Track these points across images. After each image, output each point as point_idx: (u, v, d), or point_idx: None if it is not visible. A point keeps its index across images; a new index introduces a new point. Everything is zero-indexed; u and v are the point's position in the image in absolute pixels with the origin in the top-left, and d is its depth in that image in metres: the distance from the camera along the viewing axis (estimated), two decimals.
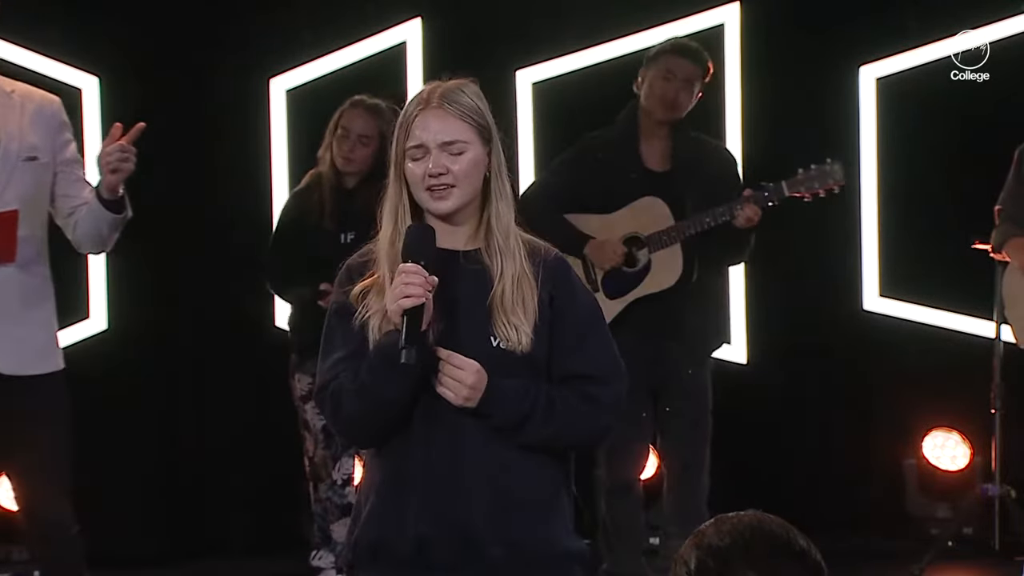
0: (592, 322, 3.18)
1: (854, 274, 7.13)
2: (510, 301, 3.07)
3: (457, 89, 3.16)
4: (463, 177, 3.09)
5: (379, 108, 5.86)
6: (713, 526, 2.23)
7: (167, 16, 6.72)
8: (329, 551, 6.05)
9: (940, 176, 7.00)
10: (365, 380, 3.05)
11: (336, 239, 5.82)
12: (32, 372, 4.43)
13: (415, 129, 3.10)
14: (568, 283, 3.17)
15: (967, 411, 6.74)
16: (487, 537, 3.08)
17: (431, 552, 3.08)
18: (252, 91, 6.85)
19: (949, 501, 6.81)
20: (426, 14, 6.93)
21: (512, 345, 3.07)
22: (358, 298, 3.11)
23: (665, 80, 5.62)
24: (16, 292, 4.40)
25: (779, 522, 2.24)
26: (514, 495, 3.09)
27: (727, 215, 5.50)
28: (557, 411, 3.09)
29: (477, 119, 3.13)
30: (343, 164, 5.86)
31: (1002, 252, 5.83)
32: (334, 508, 6.02)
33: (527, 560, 3.11)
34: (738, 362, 7.03)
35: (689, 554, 2.21)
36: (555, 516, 3.16)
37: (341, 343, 3.13)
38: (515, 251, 3.12)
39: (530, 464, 3.12)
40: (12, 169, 4.39)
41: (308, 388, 5.95)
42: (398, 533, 3.10)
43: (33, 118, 4.45)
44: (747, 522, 2.23)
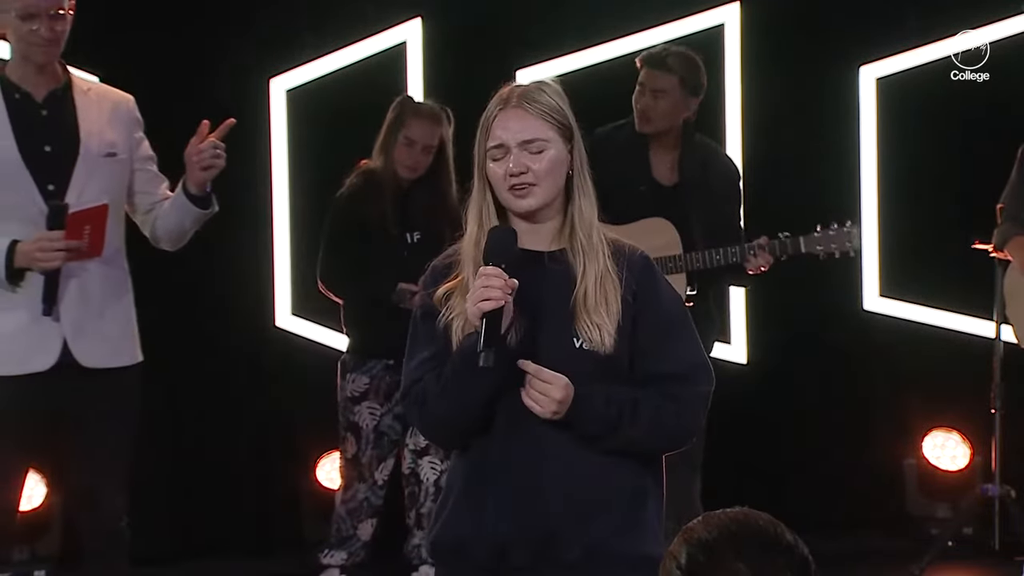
0: (676, 321, 3.17)
1: (854, 274, 7.13)
2: (593, 301, 3.08)
3: (537, 88, 3.17)
4: (544, 175, 3.10)
5: (440, 115, 5.88)
6: (701, 522, 2.25)
7: (167, 16, 6.72)
8: (343, 550, 6.05)
9: (940, 176, 7.01)
10: (448, 382, 3.07)
11: (403, 240, 5.84)
12: (111, 365, 4.49)
13: (495, 129, 3.12)
14: (652, 281, 3.16)
15: (967, 411, 6.75)
16: (565, 539, 3.09)
17: (508, 553, 3.10)
18: (252, 91, 6.85)
19: (949, 501, 6.82)
20: (426, 14, 6.93)
21: (595, 346, 3.07)
22: (442, 300, 3.13)
23: (639, 92, 5.61)
24: (99, 286, 4.48)
25: (766, 517, 2.25)
26: (592, 498, 3.10)
27: (738, 258, 5.48)
28: (642, 416, 3.08)
29: (557, 117, 3.13)
30: (408, 172, 5.88)
31: (1003, 251, 5.83)
32: (368, 508, 6.02)
33: (606, 563, 3.10)
34: (738, 362, 7.04)
35: (679, 549, 2.23)
36: (637, 520, 3.15)
37: (426, 344, 3.15)
38: (599, 249, 3.12)
39: (612, 467, 3.12)
40: (93, 166, 4.47)
41: (364, 388, 5.95)
42: (477, 533, 3.11)
43: (111, 116, 4.56)
44: (735, 517, 2.25)
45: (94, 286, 4.47)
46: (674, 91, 5.58)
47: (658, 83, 5.57)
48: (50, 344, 4.40)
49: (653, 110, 5.58)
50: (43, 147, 4.44)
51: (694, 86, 5.63)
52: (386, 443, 6.00)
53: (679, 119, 5.62)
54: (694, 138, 5.67)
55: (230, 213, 6.76)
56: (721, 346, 6.61)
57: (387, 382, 5.92)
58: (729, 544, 2.19)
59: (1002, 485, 6.31)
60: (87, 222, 4.35)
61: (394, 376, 5.79)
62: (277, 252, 6.87)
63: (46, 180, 4.42)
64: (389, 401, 5.95)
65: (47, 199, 4.40)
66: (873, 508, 7.02)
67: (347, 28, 6.90)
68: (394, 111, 5.94)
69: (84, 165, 4.45)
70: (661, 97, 5.57)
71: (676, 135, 5.65)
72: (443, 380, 3.08)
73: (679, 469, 5.66)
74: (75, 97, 4.53)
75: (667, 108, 5.58)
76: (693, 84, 5.62)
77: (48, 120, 4.48)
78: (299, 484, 6.75)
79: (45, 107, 4.49)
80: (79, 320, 4.42)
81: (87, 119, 4.50)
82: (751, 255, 5.45)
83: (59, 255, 4.33)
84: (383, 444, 5.99)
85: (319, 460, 6.74)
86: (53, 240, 4.32)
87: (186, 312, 6.78)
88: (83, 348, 4.43)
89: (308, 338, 6.85)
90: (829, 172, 7.05)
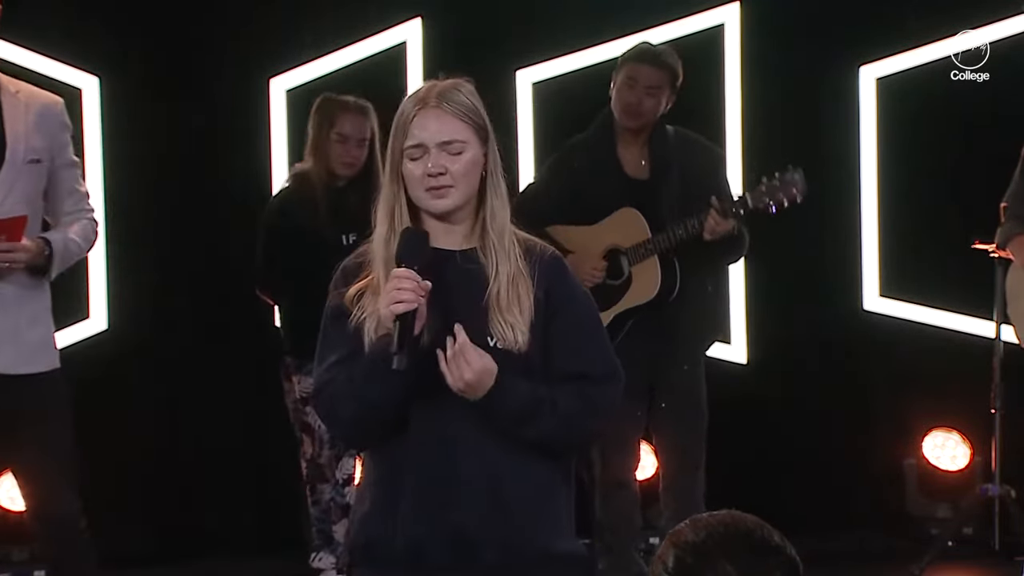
0: (588, 322, 3.18)
1: (854, 274, 7.14)
2: (506, 300, 3.07)
3: (454, 88, 3.16)
4: (462, 176, 3.09)
5: (367, 107, 5.88)
6: (689, 525, 2.25)
7: (167, 16, 6.72)
8: (330, 552, 6.06)
9: (940, 176, 7.00)
10: (358, 384, 3.05)
11: (337, 240, 5.82)
12: (29, 371, 4.44)
13: (413, 129, 3.10)
14: (564, 282, 3.16)
15: (967, 411, 6.74)
16: (481, 539, 3.08)
17: (424, 553, 3.08)
18: (252, 91, 6.84)
19: (949, 501, 6.81)
20: (426, 14, 6.93)
21: (509, 344, 3.06)
22: (353, 300, 3.11)
23: (628, 88, 5.57)
24: (12, 291, 4.42)
25: (753, 519, 2.25)
26: (509, 497, 3.09)
27: (697, 227, 5.44)
28: (559, 410, 3.08)
29: (474, 118, 3.13)
30: (345, 168, 5.86)
31: (1006, 249, 5.83)
32: (336, 508, 6.03)
33: (522, 563, 3.10)
34: (738, 362, 7.04)
35: (667, 552, 2.23)
36: (552, 518, 3.15)
37: (337, 345, 3.13)
38: (510, 250, 3.11)
39: (526, 466, 3.11)
40: (18, 172, 4.42)
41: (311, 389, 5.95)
42: (392, 533, 3.10)
43: (37, 119, 4.48)
44: (722, 519, 2.25)
45: (7, 291, 4.41)
46: (665, 87, 5.58)
47: (653, 79, 5.57)
48: None
49: (645, 105, 5.56)
50: None
51: (678, 82, 5.64)
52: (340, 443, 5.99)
53: (658, 114, 5.62)
54: (665, 130, 5.65)
55: (230, 212, 6.80)
56: (721, 346, 6.61)
57: None
58: (716, 546, 2.19)
59: (1002, 485, 6.30)
60: (2, 232, 4.31)
61: None
62: None
63: None
64: None
65: None
66: (873, 508, 7.02)
67: (347, 28, 6.90)
68: (319, 110, 5.92)
69: (9, 171, 4.39)
70: (653, 93, 5.57)
71: (649, 130, 5.64)
72: (354, 382, 3.06)
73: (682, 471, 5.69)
74: (3, 100, 4.45)
75: (656, 104, 5.58)
76: (678, 80, 5.63)
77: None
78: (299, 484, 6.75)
79: None
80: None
81: (13, 124, 4.42)
82: (707, 221, 5.39)
83: None
84: (338, 444, 5.98)
85: None
86: None
87: (186, 311, 6.78)
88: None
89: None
90: (829, 172, 7.05)
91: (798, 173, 5.41)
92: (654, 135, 5.63)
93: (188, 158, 6.69)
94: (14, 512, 6.21)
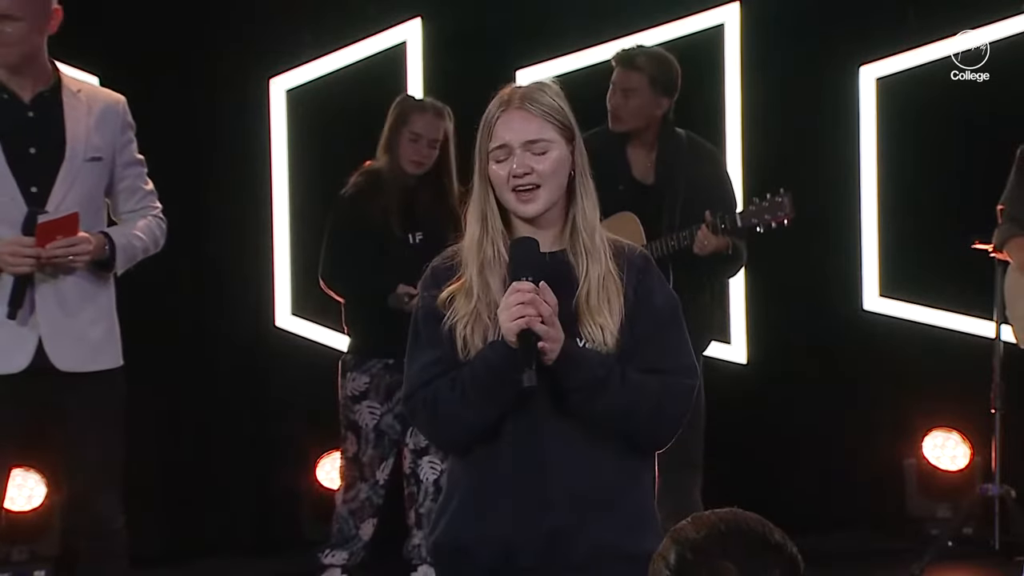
0: (669, 318, 3.19)
1: (854, 274, 7.14)
2: (596, 301, 3.09)
3: (538, 89, 3.17)
4: (548, 176, 3.11)
5: (443, 110, 5.90)
6: (691, 522, 2.26)
7: (167, 16, 6.72)
8: (344, 550, 6.04)
9: (940, 176, 7.01)
10: (471, 393, 3.07)
11: (404, 240, 5.85)
12: (89, 368, 4.47)
13: (498, 130, 3.12)
14: (648, 279, 3.18)
15: (967, 411, 6.75)
16: (570, 539, 3.10)
17: (514, 555, 3.11)
18: (252, 91, 6.85)
19: (949, 501, 6.81)
20: (426, 14, 6.93)
21: (598, 345, 3.09)
22: (445, 303, 3.13)
23: (611, 92, 5.61)
24: (76, 289, 4.46)
25: (755, 517, 2.25)
26: (597, 497, 3.11)
27: (688, 240, 5.46)
28: (632, 386, 3.09)
29: (559, 118, 3.14)
30: (415, 168, 5.87)
31: (1003, 251, 5.84)
32: (370, 508, 6.02)
33: (611, 562, 3.12)
34: (738, 362, 7.04)
35: (668, 550, 2.24)
36: (639, 517, 3.18)
37: (430, 347, 3.15)
38: (601, 250, 3.14)
39: (613, 465, 3.14)
40: (78, 171, 4.46)
41: (364, 387, 5.95)
42: (481, 536, 3.13)
43: (99, 118, 4.52)
44: (723, 517, 2.25)
45: (71, 289, 4.45)
46: (644, 90, 5.57)
47: (628, 82, 5.58)
48: (24, 346, 4.39)
49: (623, 108, 5.59)
50: (28, 149, 4.43)
51: (665, 85, 5.60)
52: (386, 442, 6.01)
53: (650, 118, 5.60)
54: (673, 136, 5.65)
55: (230, 213, 6.80)
56: (721, 346, 6.61)
57: (387, 381, 5.92)
58: (718, 544, 2.20)
59: (1002, 485, 6.30)
60: (58, 231, 4.34)
61: (394, 375, 5.80)
62: (277, 252, 6.87)
63: (29, 182, 4.40)
64: (389, 400, 5.95)
65: (30, 201, 4.38)
66: (873, 508, 7.02)
67: (347, 28, 6.90)
68: (396, 108, 5.95)
69: (69, 168, 4.44)
70: (631, 96, 5.58)
71: (653, 133, 5.63)
72: (463, 388, 3.08)
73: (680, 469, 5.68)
74: (63, 99, 4.50)
75: (637, 107, 5.58)
76: (664, 83, 5.60)
77: (34, 122, 4.46)
78: (299, 484, 6.76)
79: (32, 108, 4.47)
80: (55, 323, 4.41)
81: (74, 122, 4.47)
82: (697, 235, 5.42)
83: (28, 261, 4.32)
84: (383, 443, 6.00)
85: (319, 460, 6.74)
86: (24, 246, 4.32)
87: (186, 312, 6.78)
88: (58, 351, 4.41)
89: (308, 338, 6.85)
90: (829, 172, 7.05)
91: (787, 197, 5.44)
92: (664, 140, 5.63)
93: (188, 158, 6.68)
94: (14, 512, 6.22)
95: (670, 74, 5.63)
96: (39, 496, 6.27)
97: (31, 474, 6.24)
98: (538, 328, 2.99)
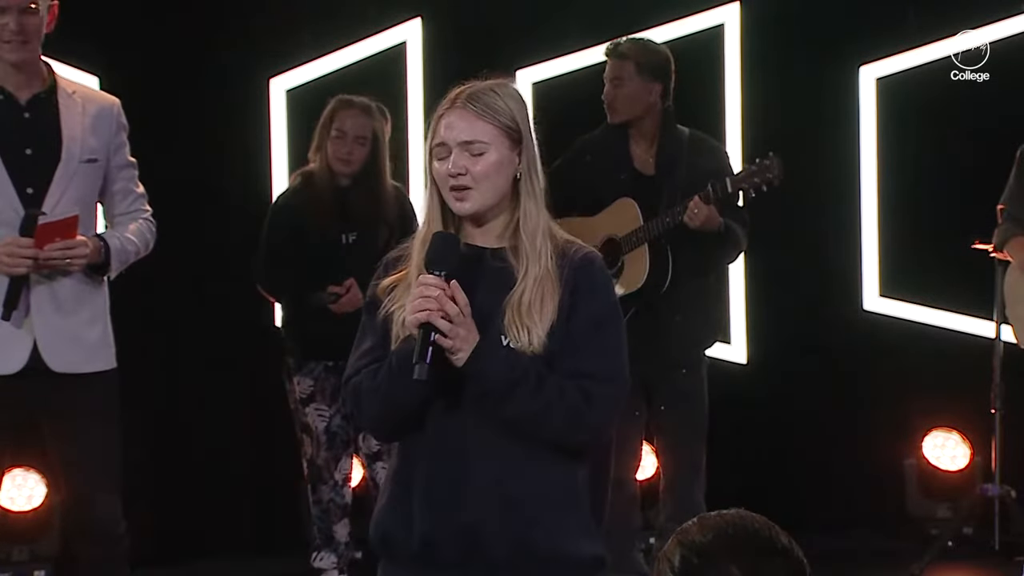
0: (603, 322, 3.14)
1: (854, 274, 7.14)
2: (527, 303, 3.07)
3: (488, 89, 3.16)
4: (482, 178, 3.10)
5: (371, 107, 5.91)
6: (696, 524, 2.24)
7: (167, 16, 6.72)
8: (331, 552, 6.06)
9: (940, 176, 7.00)
10: (382, 382, 3.09)
11: (337, 240, 5.85)
12: (84, 370, 4.47)
13: (440, 127, 3.12)
14: (589, 281, 3.13)
15: (967, 411, 6.75)
16: (491, 536, 3.08)
17: (435, 550, 3.10)
18: (252, 91, 6.85)
19: (949, 501, 6.81)
20: (426, 14, 6.93)
21: (522, 346, 3.06)
22: (385, 291, 3.14)
23: (605, 87, 5.64)
24: (71, 291, 4.46)
25: (761, 520, 2.24)
26: (519, 494, 3.09)
27: (681, 214, 5.46)
28: (547, 389, 3.05)
29: (503, 120, 3.12)
30: (342, 166, 5.88)
31: (1004, 251, 5.84)
32: (336, 508, 6.05)
33: (533, 561, 3.10)
34: (738, 362, 7.04)
35: (673, 552, 2.22)
36: (565, 518, 3.14)
37: (369, 336, 3.17)
38: (541, 252, 3.11)
39: (538, 464, 3.10)
40: (73, 172, 4.46)
41: (310, 390, 5.97)
42: (405, 529, 3.13)
43: (94, 120, 4.52)
44: (730, 520, 2.23)
45: (66, 291, 4.45)
46: (631, 77, 5.59)
47: (617, 71, 5.61)
48: (20, 347, 4.40)
49: (616, 98, 5.61)
50: (24, 150, 4.43)
51: (653, 69, 5.60)
52: (339, 443, 6.04)
53: (644, 105, 5.61)
54: (675, 130, 5.66)
55: (230, 213, 6.80)
56: (721, 346, 6.61)
57: (331, 383, 5.94)
58: (723, 547, 2.19)
59: (1002, 485, 6.30)
60: (57, 233, 4.34)
61: (337, 377, 5.79)
62: None
63: (25, 184, 4.40)
64: (336, 402, 5.96)
65: (26, 203, 4.38)
66: (873, 508, 7.02)
67: (347, 28, 6.90)
68: (327, 109, 5.96)
69: (65, 170, 4.44)
70: (620, 84, 5.60)
71: (653, 124, 5.64)
72: (378, 379, 3.10)
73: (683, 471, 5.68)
74: (59, 100, 4.50)
75: (628, 95, 5.59)
76: (651, 67, 5.60)
77: (30, 123, 4.46)
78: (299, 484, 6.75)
79: (28, 110, 4.47)
80: (50, 325, 4.41)
81: (70, 123, 4.47)
82: (688, 205, 5.41)
83: (25, 262, 4.32)
84: (336, 444, 6.03)
85: None
86: (21, 247, 4.32)
87: (187, 312, 6.78)
88: (53, 353, 4.42)
89: None
90: (829, 172, 7.05)
91: (775, 159, 5.43)
92: (665, 133, 5.64)
93: (188, 158, 6.68)
94: (14, 512, 6.22)
95: (657, 58, 5.63)
96: (39, 496, 6.27)
97: (31, 474, 6.24)
98: (440, 324, 2.97)
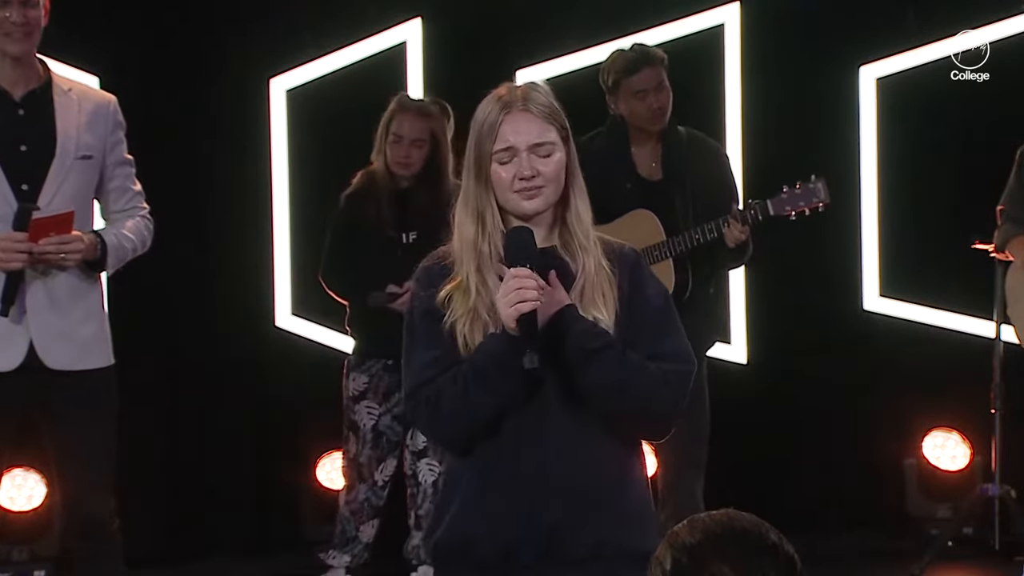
0: (662, 307, 3.22)
1: (854, 274, 7.14)
2: (591, 294, 3.13)
3: (535, 90, 3.19)
4: (553, 178, 3.14)
5: (429, 109, 5.91)
6: (686, 526, 2.25)
7: (166, 16, 6.72)
8: (346, 552, 6.05)
9: (940, 176, 7.01)
10: (472, 385, 3.08)
11: (398, 240, 5.86)
12: (79, 367, 4.46)
13: (503, 132, 3.13)
14: (639, 271, 3.22)
15: (967, 411, 6.74)
16: (571, 536, 3.12)
17: (515, 552, 3.12)
18: (252, 91, 6.85)
19: (949, 501, 6.81)
20: (426, 14, 6.93)
21: None
22: (444, 302, 3.14)
23: (641, 99, 5.57)
24: (67, 288, 4.45)
25: (751, 518, 2.24)
26: (596, 494, 3.13)
27: (715, 232, 5.46)
28: (629, 361, 3.10)
29: (558, 119, 3.17)
30: (401, 169, 5.89)
31: (1005, 252, 5.84)
32: (369, 509, 6.03)
33: (611, 559, 3.13)
34: (738, 362, 7.04)
35: (664, 554, 2.23)
36: (640, 514, 3.20)
37: (430, 345, 3.16)
38: (594, 247, 3.17)
39: (615, 464, 3.16)
40: (68, 168, 4.44)
41: (363, 387, 5.97)
42: (483, 533, 3.14)
43: (90, 117, 4.51)
44: (719, 519, 2.24)
45: (62, 288, 4.44)
46: (666, 79, 5.62)
47: (657, 77, 5.59)
48: (15, 344, 4.39)
49: (666, 104, 5.60)
50: (19, 146, 4.42)
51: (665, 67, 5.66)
52: (385, 443, 6.01)
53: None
54: (677, 130, 5.66)
55: (230, 213, 6.80)
56: (721, 346, 6.61)
57: (386, 382, 5.93)
58: (713, 547, 2.19)
59: (1002, 485, 6.30)
60: (52, 228, 4.32)
61: (393, 376, 5.81)
62: (277, 252, 6.87)
63: (20, 180, 4.39)
64: (388, 401, 5.96)
65: (20, 199, 4.37)
66: (873, 508, 7.02)
67: (347, 28, 6.90)
68: (387, 111, 5.97)
69: (59, 166, 4.42)
70: (662, 89, 5.60)
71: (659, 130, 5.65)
72: (465, 381, 3.08)
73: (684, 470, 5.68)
74: (54, 97, 4.48)
75: (668, 95, 5.61)
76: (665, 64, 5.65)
77: (25, 119, 4.45)
78: (299, 484, 6.75)
79: (22, 106, 4.46)
80: (46, 322, 4.40)
81: (65, 120, 4.46)
82: (725, 227, 5.42)
83: (20, 257, 4.30)
84: (382, 444, 6.00)
85: (319, 460, 6.74)
86: (16, 242, 4.30)
87: (186, 312, 6.78)
88: (49, 350, 4.40)
89: (308, 338, 6.85)
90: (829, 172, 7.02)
91: (821, 182, 5.43)
92: (667, 135, 5.64)
93: (188, 158, 6.68)
94: (14, 512, 6.22)
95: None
96: (39, 496, 6.27)
97: (31, 474, 6.24)
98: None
